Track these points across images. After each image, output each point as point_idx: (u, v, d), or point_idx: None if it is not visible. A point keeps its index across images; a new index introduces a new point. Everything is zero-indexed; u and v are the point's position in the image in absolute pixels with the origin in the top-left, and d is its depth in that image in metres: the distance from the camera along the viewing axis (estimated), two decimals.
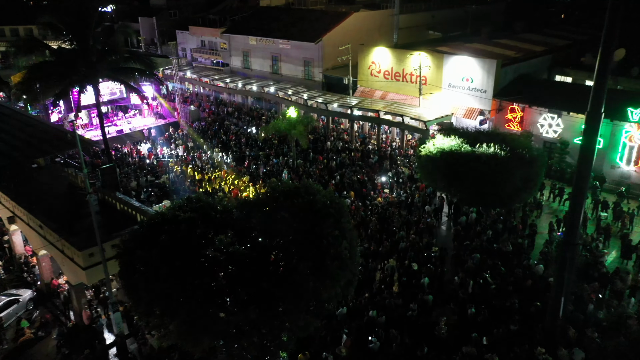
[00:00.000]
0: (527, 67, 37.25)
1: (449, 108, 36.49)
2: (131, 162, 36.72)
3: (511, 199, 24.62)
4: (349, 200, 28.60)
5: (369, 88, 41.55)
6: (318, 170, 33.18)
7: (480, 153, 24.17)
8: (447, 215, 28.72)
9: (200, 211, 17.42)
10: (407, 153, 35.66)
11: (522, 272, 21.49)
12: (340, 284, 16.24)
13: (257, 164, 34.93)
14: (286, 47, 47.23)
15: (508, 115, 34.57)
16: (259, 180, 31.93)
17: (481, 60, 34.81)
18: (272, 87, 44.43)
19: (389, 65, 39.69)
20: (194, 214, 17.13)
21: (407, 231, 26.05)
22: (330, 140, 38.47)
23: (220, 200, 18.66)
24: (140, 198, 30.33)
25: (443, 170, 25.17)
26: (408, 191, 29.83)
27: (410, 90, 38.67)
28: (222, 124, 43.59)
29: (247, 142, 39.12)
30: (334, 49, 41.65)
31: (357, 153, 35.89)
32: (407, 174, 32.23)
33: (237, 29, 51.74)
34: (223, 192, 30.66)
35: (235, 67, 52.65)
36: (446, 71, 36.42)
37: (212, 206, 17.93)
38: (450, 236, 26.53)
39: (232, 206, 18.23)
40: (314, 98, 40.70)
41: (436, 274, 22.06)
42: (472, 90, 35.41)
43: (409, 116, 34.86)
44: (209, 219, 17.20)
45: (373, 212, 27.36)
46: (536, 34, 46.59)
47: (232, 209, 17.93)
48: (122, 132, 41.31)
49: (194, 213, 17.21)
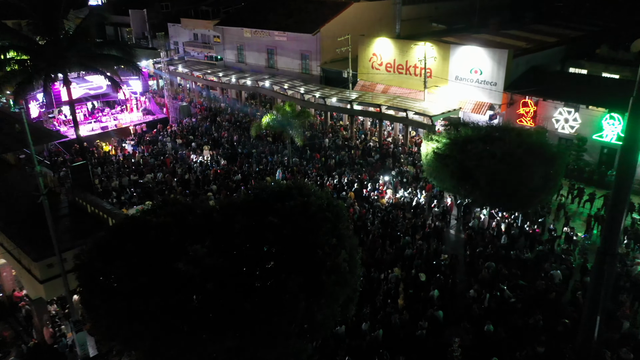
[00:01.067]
0: (539, 58, 34.75)
1: (456, 102, 34.00)
2: (115, 160, 34.19)
3: (529, 201, 22.09)
4: (350, 201, 26.10)
5: (369, 82, 39.04)
6: (315, 169, 30.67)
7: (495, 149, 21.72)
8: (456, 218, 26.20)
9: (176, 215, 14.99)
10: (411, 150, 33.13)
11: (545, 283, 18.96)
12: (339, 302, 13.75)
13: (250, 162, 32.44)
14: (282, 40, 44.70)
15: (520, 109, 32.05)
16: (251, 180, 29.45)
17: (491, 51, 32.30)
18: (267, 82, 41.91)
19: (391, 57, 37.17)
20: (168, 219, 14.70)
21: (412, 236, 23.58)
22: (329, 137, 35.95)
23: (202, 202, 16.12)
24: (120, 199, 27.81)
25: (452, 168, 22.74)
26: (413, 192, 27.28)
27: (414, 83, 36.17)
28: (214, 120, 41.05)
29: (239, 139, 36.61)
30: (333, 41, 39.15)
31: (357, 151, 33.37)
32: (412, 173, 29.70)
33: (230, 21, 49.19)
34: (212, 192, 28.16)
35: (229, 61, 50.10)
36: (453, 63, 33.91)
37: (191, 209, 15.47)
38: (461, 242, 24.06)
39: (213, 209, 15.72)
40: (311, 92, 38.19)
41: (447, 285, 19.56)
42: (481, 83, 32.90)
43: (413, 111, 32.36)
44: (186, 224, 14.75)
45: (375, 215, 24.85)
46: (546, 25, 44.09)
47: (213, 212, 15.42)
48: (107, 129, 38.73)
49: (168, 217, 14.77)
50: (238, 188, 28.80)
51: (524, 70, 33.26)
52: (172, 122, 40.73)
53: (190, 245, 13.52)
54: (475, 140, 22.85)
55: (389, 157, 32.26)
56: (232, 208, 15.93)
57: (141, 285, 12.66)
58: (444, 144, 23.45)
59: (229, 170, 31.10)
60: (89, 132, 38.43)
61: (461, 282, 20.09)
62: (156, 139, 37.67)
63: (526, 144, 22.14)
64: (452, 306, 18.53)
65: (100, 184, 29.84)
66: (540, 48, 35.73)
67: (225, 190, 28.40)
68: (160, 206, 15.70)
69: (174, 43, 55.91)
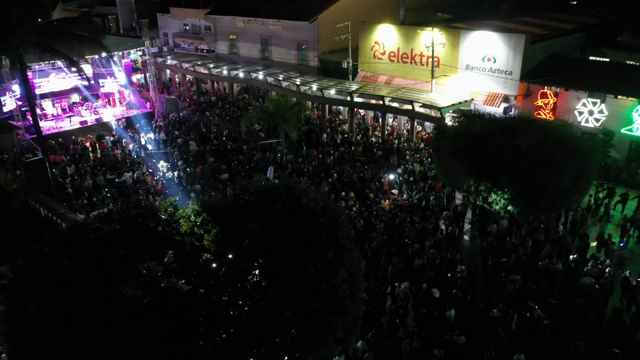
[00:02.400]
0: (557, 45, 31.65)
1: (467, 93, 30.91)
2: (92, 157, 31.10)
3: (558, 202, 19.09)
4: (350, 202, 23.04)
5: (371, 72, 35.95)
6: (311, 167, 27.60)
7: (519, 143, 18.71)
8: (470, 222, 23.13)
9: (135, 222, 11.96)
10: (417, 147, 30.03)
11: (584, 302, 15.88)
12: (337, 335, 10.70)
13: (240, 159, 29.34)
14: (277, 28, 41.60)
15: (538, 101, 28.97)
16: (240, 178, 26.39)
17: (506, 36, 29.19)
18: (260, 73, 38.80)
19: (395, 45, 34.07)
20: (123, 227, 11.67)
21: (422, 243, 20.53)
22: (327, 132, 32.84)
23: (167, 207, 13.04)
24: (92, 200, 24.71)
25: (468, 165, 19.73)
26: (421, 192, 24.18)
27: (420, 73, 33.09)
28: (202, 114, 37.93)
29: (229, 134, 33.51)
30: (331, 30, 36.02)
31: (358, 147, 30.28)
32: (419, 170, 26.60)
33: (222, 10, 46.06)
34: (195, 193, 25.08)
35: (222, 53, 46.97)
36: (463, 50, 30.81)
37: (154, 214, 12.42)
38: (477, 249, 21.02)
39: (183, 215, 12.63)
40: (308, 84, 35.10)
41: (465, 303, 16.48)
42: (495, 72, 29.81)
43: (420, 103, 29.28)
44: (146, 234, 11.71)
45: (379, 219, 21.77)
46: (560, 12, 41.02)
47: (180, 218, 12.34)
48: (86, 124, 35.62)
49: (123, 225, 11.74)
50: (225, 188, 25.79)
51: (541, 58, 30.17)
52: (158, 117, 37.61)
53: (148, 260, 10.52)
54: (494, 132, 19.85)
55: (393, 153, 29.17)
56: (205, 212, 12.91)
57: (77, 314, 9.66)
58: (457, 137, 20.47)
59: (215, 168, 28.02)
60: (67, 127, 35.38)
61: (482, 299, 17.02)
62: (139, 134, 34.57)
63: (553, 138, 19.19)
64: (472, 329, 15.45)
65: (71, 183, 26.79)
66: (559, 35, 32.64)
67: (210, 190, 25.35)
68: (115, 211, 12.69)
69: (164, 34, 52.84)
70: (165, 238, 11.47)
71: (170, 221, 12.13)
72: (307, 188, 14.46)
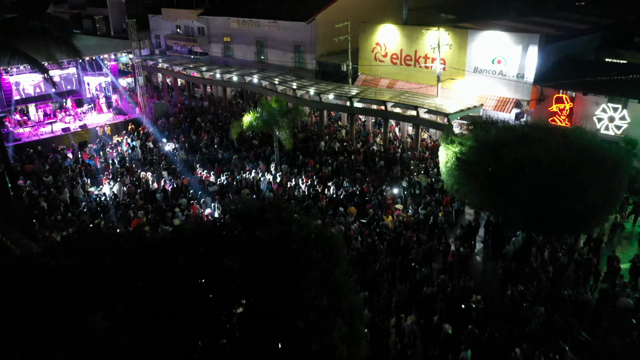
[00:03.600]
0: (572, 47, 29.52)
1: (475, 98, 28.75)
2: (73, 167, 28.87)
3: (585, 221, 16.91)
4: (350, 219, 20.84)
5: (372, 76, 33.83)
6: (308, 178, 25.40)
7: (539, 154, 16.57)
8: (482, 241, 20.92)
9: (89, 255, 9.88)
10: (422, 156, 27.83)
11: (621, 341, 13.66)
12: None
13: (231, 169, 27.16)
14: (273, 30, 39.51)
15: (553, 106, 26.83)
16: (230, 192, 24.25)
17: (519, 36, 27.06)
18: (255, 77, 36.65)
19: (398, 46, 31.95)
20: (74, 262, 9.64)
21: (430, 266, 18.34)
22: (325, 139, 30.65)
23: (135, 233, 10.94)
24: (66, 216, 22.50)
25: (482, 179, 17.59)
26: (428, 207, 21.96)
27: (424, 77, 30.97)
28: (193, 120, 35.76)
29: (221, 142, 31.33)
30: (330, 31, 33.88)
31: (358, 156, 28.08)
32: (425, 183, 24.40)
33: (216, 10, 44.00)
34: (180, 208, 22.88)
35: (215, 55, 44.88)
36: (471, 52, 28.68)
37: (114, 244, 10.35)
38: (491, 272, 18.80)
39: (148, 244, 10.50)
40: (305, 88, 32.95)
41: (482, 340, 14.26)
42: (506, 75, 27.68)
43: (425, 108, 27.11)
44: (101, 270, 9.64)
45: (381, 238, 19.57)
46: (571, 12, 38.96)
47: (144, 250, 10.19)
48: (68, 131, 33.44)
49: (74, 259, 9.71)
50: (214, 201, 23.61)
51: (556, 60, 28.01)
52: (146, 123, 35.42)
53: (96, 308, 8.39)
54: (511, 142, 17.70)
55: (396, 163, 26.97)
56: (174, 242, 10.82)
57: None
58: (469, 147, 18.31)
59: (203, 180, 25.82)
60: (48, 134, 33.23)
61: (501, 335, 14.78)
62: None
63: (577, 148, 17.06)
64: None
65: (47, 197, 24.58)
66: (573, 35, 30.53)
67: (198, 204, 23.15)
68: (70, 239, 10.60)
69: (156, 36, 50.76)
70: (124, 275, 9.39)
71: (134, 252, 10.05)
72: (298, 210, 12.36)
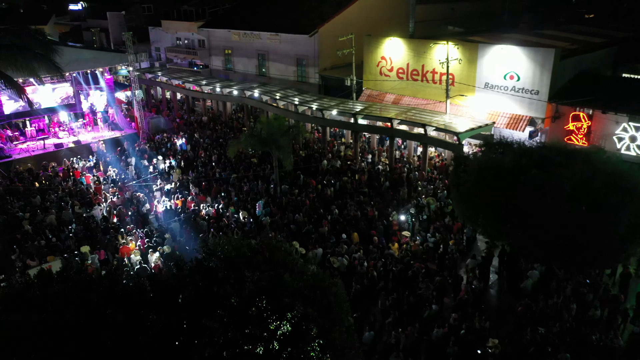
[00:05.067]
0: (589, 61, 28.06)
1: (486, 115, 27.30)
2: (63, 187, 27.52)
3: (612, 255, 15.35)
4: (353, 247, 19.32)
5: (377, 91, 32.45)
6: (309, 200, 23.91)
7: (562, 181, 15.08)
8: (496, 272, 19.32)
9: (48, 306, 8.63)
10: (430, 176, 26.33)
11: None
12: None
13: (228, 190, 25.74)
14: (275, 42, 38.28)
15: (569, 125, 25.33)
16: (225, 216, 22.81)
17: (532, 50, 25.63)
18: (256, 91, 35.37)
19: (404, 60, 30.59)
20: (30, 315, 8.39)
21: (441, 301, 16.76)
22: (328, 157, 29.21)
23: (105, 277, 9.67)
24: (50, 242, 21.04)
25: (498, 207, 16.06)
26: (437, 234, 20.40)
27: (432, 92, 29.56)
28: (191, 136, 34.42)
29: (219, 160, 29.93)
30: (333, 44, 32.62)
31: (363, 176, 26.59)
32: (434, 206, 22.86)
33: (217, 23, 42.89)
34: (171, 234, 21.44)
35: (216, 68, 43.70)
36: (482, 66, 27.26)
37: (78, 296, 9.12)
38: (507, 308, 17.17)
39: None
40: (307, 103, 31.59)
41: None
42: (519, 92, 26.22)
43: (434, 126, 25.65)
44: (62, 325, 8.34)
45: (386, 270, 18.02)
46: (584, 25, 37.58)
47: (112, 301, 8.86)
48: (62, 147, 32.16)
49: (31, 312, 8.51)
50: (209, 225, 22.17)
51: (572, 76, 26.57)
52: (142, 139, 34.14)
53: None
54: (529, 167, 16.19)
55: (403, 184, 25.45)
56: (147, 294, 9.51)
57: None
58: (485, 170, 16.83)
59: (199, 201, 24.40)
60: (39, 150, 31.98)
61: None
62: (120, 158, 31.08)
63: (602, 174, 15.54)
64: None
65: (32, 219, 23.20)
66: (589, 49, 29.07)
67: (191, 229, 21.68)
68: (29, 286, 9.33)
69: (156, 49, 49.68)
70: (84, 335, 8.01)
71: (100, 306, 8.71)
72: (293, 251, 10.94)
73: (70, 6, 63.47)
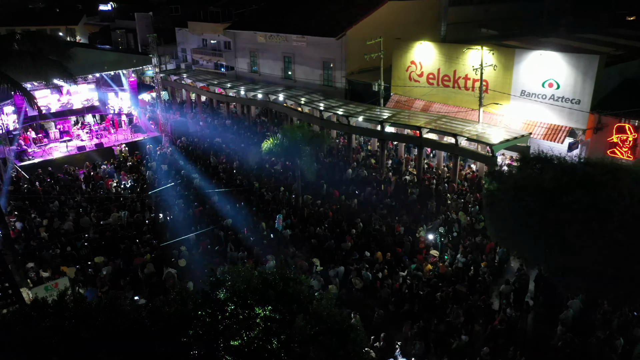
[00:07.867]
0: (635, 68, 26.20)
1: (521, 125, 25.75)
2: (83, 191, 27.12)
3: None
4: (378, 268, 18.15)
5: (406, 97, 31.15)
6: (331, 212, 22.82)
7: (610, 206, 13.63)
8: (531, 297, 17.88)
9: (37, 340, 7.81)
10: (461, 189, 24.93)
11: None
12: None
13: (250, 199, 24.84)
14: (301, 45, 37.33)
15: (613, 137, 23.58)
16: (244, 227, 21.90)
17: (574, 57, 23.97)
18: (280, 95, 34.48)
19: (435, 65, 29.22)
20: None
21: (471, 329, 15.45)
22: (352, 166, 28.07)
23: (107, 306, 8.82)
24: (65, 251, 20.47)
25: (537, 229, 14.68)
26: (468, 254, 19.05)
27: (463, 99, 28.14)
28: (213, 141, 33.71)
29: (240, 166, 29.06)
30: (361, 48, 31.40)
31: (389, 187, 25.37)
32: (464, 222, 21.49)
33: (243, 24, 42.19)
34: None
35: (241, 71, 43.03)
36: (519, 73, 25.72)
37: (68, 332, 8.29)
38: (544, 340, 15.74)
39: None
40: (332, 109, 30.52)
41: None
42: (558, 100, 24.60)
43: (466, 135, 24.25)
44: None
45: (412, 293, 16.79)
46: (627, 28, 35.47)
47: None
48: (84, 149, 31.87)
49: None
50: (227, 236, 21.31)
51: (616, 84, 24.82)
52: (165, 142, 33.61)
53: None
54: (572, 187, 14.74)
55: (432, 197, 24.13)
56: (145, 330, 8.59)
57: None
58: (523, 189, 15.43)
59: (216, 211, 23.56)
60: (62, 153, 31.72)
61: None
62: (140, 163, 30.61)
63: None
64: None
65: (48, 226, 22.75)
66: (635, 56, 27.18)
67: (207, 242, 20.81)
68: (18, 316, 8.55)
69: (182, 50, 49.37)
70: None
71: (92, 341, 7.85)
72: (309, 282, 9.93)
73: (100, 6, 63.94)
